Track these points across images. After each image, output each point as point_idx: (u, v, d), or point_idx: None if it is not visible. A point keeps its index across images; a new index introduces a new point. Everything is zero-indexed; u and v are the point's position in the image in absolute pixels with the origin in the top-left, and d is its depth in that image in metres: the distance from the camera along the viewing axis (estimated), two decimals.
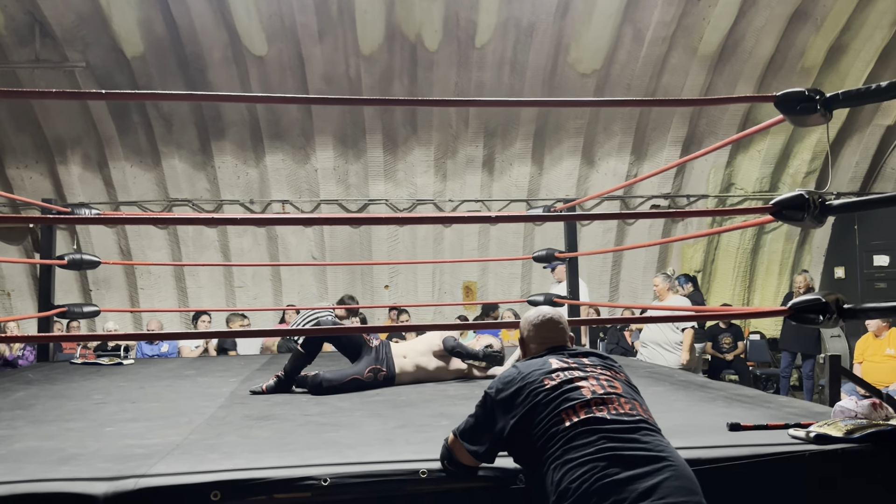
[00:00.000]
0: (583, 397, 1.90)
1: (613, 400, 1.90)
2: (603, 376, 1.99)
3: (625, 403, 1.91)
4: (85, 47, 8.23)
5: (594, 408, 1.87)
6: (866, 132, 9.51)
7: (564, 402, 1.89)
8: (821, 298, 2.45)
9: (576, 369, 1.99)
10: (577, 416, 1.86)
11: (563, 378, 1.96)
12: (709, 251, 10.01)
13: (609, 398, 1.90)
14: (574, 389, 1.92)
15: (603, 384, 1.95)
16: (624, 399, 1.92)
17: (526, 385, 1.97)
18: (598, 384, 1.94)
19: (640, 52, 8.71)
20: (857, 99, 2.51)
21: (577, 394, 1.91)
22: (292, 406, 3.24)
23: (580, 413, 1.86)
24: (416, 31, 8.38)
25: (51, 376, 4.47)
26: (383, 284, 9.66)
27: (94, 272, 9.04)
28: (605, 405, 1.88)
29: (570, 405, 1.88)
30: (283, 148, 9.14)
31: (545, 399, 1.92)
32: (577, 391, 1.92)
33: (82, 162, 9.00)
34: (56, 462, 2.20)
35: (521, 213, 8.59)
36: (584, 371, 1.99)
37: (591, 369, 2.01)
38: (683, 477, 1.78)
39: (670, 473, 1.75)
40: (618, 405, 1.89)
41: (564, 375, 1.96)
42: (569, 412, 1.87)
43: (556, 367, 2.00)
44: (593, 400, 1.89)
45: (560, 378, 1.96)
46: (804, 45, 8.75)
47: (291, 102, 8.48)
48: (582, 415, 1.86)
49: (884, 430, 2.29)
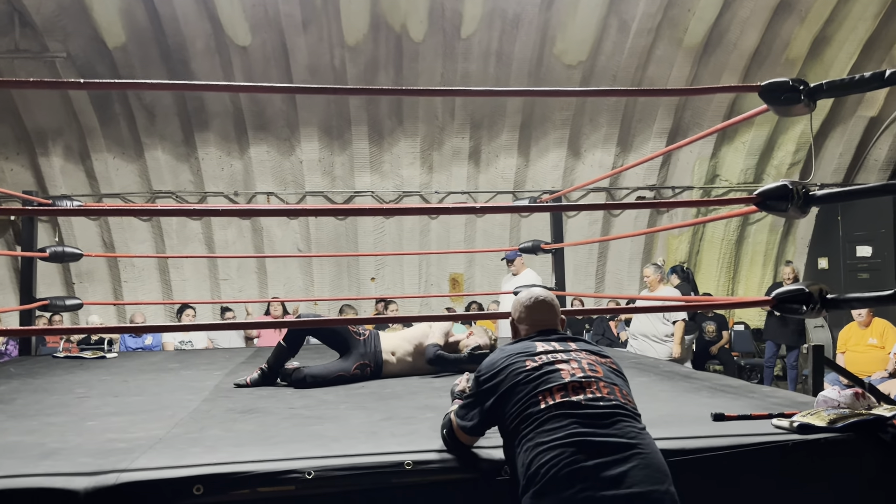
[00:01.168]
0: (561, 380, 1.90)
1: (592, 384, 1.90)
2: (586, 360, 1.99)
3: (603, 388, 1.91)
4: (65, 37, 8.11)
5: (570, 391, 1.88)
6: (850, 123, 9.57)
7: (543, 384, 1.91)
8: (804, 289, 2.46)
9: (559, 352, 2.00)
10: (553, 398, 1.87)
11: (544, 360, 1.97)
12: (694, 242, 10.06)
13: (587, 381, 1.91)
14: (553, 372, 1.93)
15: (584, 367, 1.95)
16: (603, 383, 1.92)
17: (508, 366, 1.99)
18: (579, 367, 1.95)
19: (626, 43, 8.71)
20: (840, 89, 2.51)
21: (555, 376, 1.92)
22: (277, 399, 3.22)
23: (556, 396, 1.87)
24: (402, 21, 8.33)
25: (33, 370, 4.41)
26: (370, 276, 9.64)
27: (77, 265, 8.96)
28: (582, 389, 1.89)
29: (548, 387, 1.89)
30: (267, 139, 9.07)
31: (524, 380, 1.93)
32: (556, 373, 1.92)
33: (64, 153, 8.89)
34: (37, 457, 2.17)
35: (506, 204, 8.58)
36: (568, 354, 2.00)
37: (576, 353, 2.01)
38: (652, 465, 1.78)
39: (638, 462, 1.76)
40: (595, 389, 1.89)
41: (546, 358, 1.98)
42: (545, 394, 1.88)
43: (540, 350, 2.01)
44: (571, 383, 1.90)
45: (542, 360, 1.97)
46: (788, 36, 8.79)
47: (275, 92, 8.42)
48: (558, 398, 1.87)
49: (866, 419, 2.31)
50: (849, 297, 2.51)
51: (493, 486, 2.03)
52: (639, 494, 1.72)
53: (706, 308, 6.02)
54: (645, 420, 2.46)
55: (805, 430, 2.27)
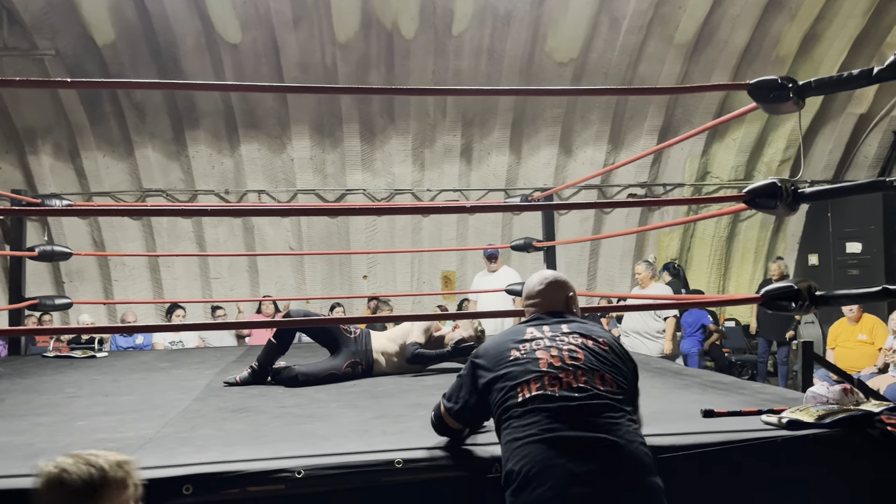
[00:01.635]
0: (538, 370, 1.90)
1: (569, 373, 1.89)
2: (569, 346, 1.96)
3: (580, 377, 1.89)
4: (54, 35, 8.05)
5: (546, 384, 1.87)
6: (840, 121, 9.61)
7: (522, 375, 1.91)
8: (793, 286, 2.48)
9: (545, 338, 1.99)
10: (530, 391, 1.87)
11: (527, 349, 1.97)
12: (685, 239, 10.10)
13: (565, 371, 1.89)
14: (533, 361, 1.93)
15: (563, 356, 1.93)
16: (581, 371, 1.90)
17: (497, 353, 2.01)
18: (559, 355, 1.93)
19: (617, 40, 8.72)
20: (829, 87, 2.53)
21: (534, 366, 1.92)
22: (268, 398, 3.21)
23: (532, 388, 1.87)
24: (393, 18, 8.31)
25: (22, 370, 4.39)
26: (361, 275, 9.62)
27: (67, 264, 8.90)
28: (557, 380, 1.88)
29: (525, 379, 1.90)
30: (258, 137, 9.04)
31: (507, 370, 1.95)
32: (535, 363, 1.92)
33: (53, 152, 8.84)
34: (25, 457, 2.15)
35: (497, 202, 8.58)
36: (553, 340, 1.98)
37: (562, 337, 1.99)
38: (626, 459, 1.78)
39: (611, 455, 1.76)
40: (572, 379, 1.88)
41: (530, 346, 1.98)
42: (523, 386, 1.89)
43: (527, 338, 2.01)
44: (547, 374, 1.89)
45: (525, 349, 1.97)
46: (779, 34, 8.82)
47: (267, 91, 8.38)
48: (534, 390, 1.87)
49: (854, 414, 2.32)
50: (837, 293, 2.53)
51: (483, 483, 2.03)
52: (609, 489, 1.73)
53: (697, 305, 6.06)
54: None
55: (794, 426, 2.29)
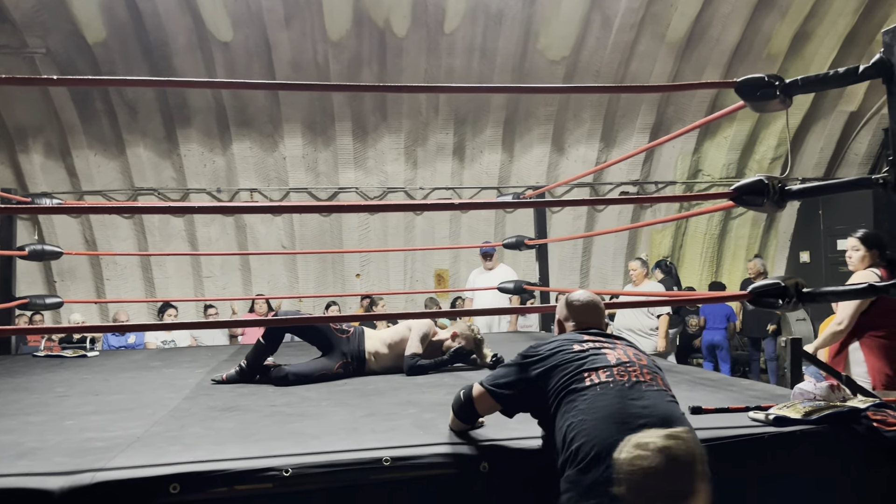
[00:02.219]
0: (607, 362, 2.03)
1: (636, 370, 2.02)
2: (630, 350, 2.13)
3: (646, 374, 2.02)
4: (45, 33, 8.02)
5: (616, 373, 1.99)
6: (830, 118, 9.65)
7: (589, 364, 2.03)
8: (780, 283, 2.49)
9: (605, 342, 2.14)
10: (599, 377, 1.98)
11: (591, 346, 2.11)
12: (677, 237, 10.13)
13: (632, 366, 2.03)
14: (599, 355, 2.06)
15: (629, 355, 2.08)
16: (646, 370, 2.04)
17: (556, 346, 2.12)
18: (624, 353, 2.08)
19: (609, 38, 8.74)
20: (815, 85, 2.54)
21: (601, 358, 2.04)
22: (258, 397, 3.21)
23: (602, 374, 1.99)
24: (385, 16, 8.30)
25: (12, 369, 4.37)
26: (354, 273, 9.62)
27: (59, 263, 8.87)
28: (626, 372, 2.00)
29: (594, 367, 2.02)
30: (250, 135, 9.02)
31: (571, 358, 2.05)
32: (602, 356, 2.05)
33: (44, 151, 8.80)
34: (13, 457, 2.15)
35: (488, 200, 8.58)
36: (613, 344, 2.14)
37: (620, 346, 2.14)
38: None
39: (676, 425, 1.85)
40: (639, 374, 2.01)
41: (593, 345, 2.11)
42: (590, 372, 2.00)
43: (587, 339, 2.15)
44: (616, 366, 2.01)
45: (588, 345, 2.11)
46: (770, 31, 8.85)
47: (259, 88, 8.38)
48: (603, 377, 1.98)
49: (841, 411, 2.34)
50: (824, 290, 2.54)
51: (472, 480, 2.04)
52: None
53: (685, 302, 6.07)
54: None
55: (781, 423, 2.30)
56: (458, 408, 2.24)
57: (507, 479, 2.07)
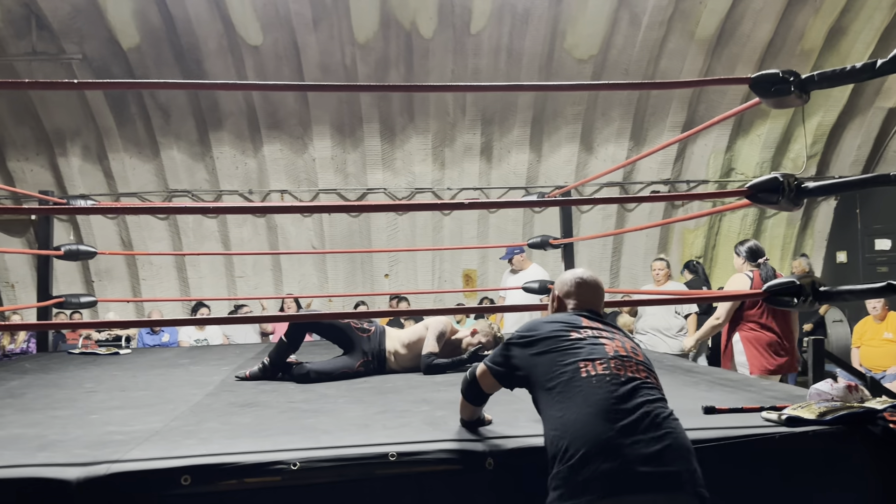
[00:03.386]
0: (605, 354, 1.97)
1: (633, 365, 1.97)
2: (628, 343, 2.07)
3: (641, 371, 1.97)
4: (81, 39, 8.25)
5: (613, 364, 1.94)
6: (868, 115, 9.43)
7: (586, 354, 1.97)
8: (795, 281, 2.45)
9: (604, 331, 2.07)
10: (596, 369, 1.93)
11: (589, 334, 2.04)
12: (709, 237, 9.98)
13: (629, 360, 1.97)
14: (598, 345, 1.99)
15: (626, 348, 2.02)
16: (642, 367, 1.99)
17: (555, 329, 2.06)
18: (623, 346, 2.02)
19: (637, 36, 8.66)
20: (832, 80, 2.49)
21: (599, 349, 1.98)
22: (278, 393, 3.26)
23: (598, 367, 1.93)
24: (411, 18, 8.36)
25: (47, 366, 4.51)
26: (383, 273, 9.69)
27: (96, 264, 9.12)
28: (623, 366, 1.95)
29: (591, 358, 1.95)
30: (280, 138, 9.15)
31: (568, 347, 2.00)
32: (601, 347, 1.99)
33: (82, 154, 9.05)
34: (35, 449, 2.22)
35: (516, 199, 8.57)
36: (612, 334, 2.07)
37: (617, 336, 2.08)
38: (682, 447, 1.86)
39: (671, 441, 1.83)
40: (636, 370, 1.96)
41: (591, 332, 2.04)
42: (587, 363, 1.94)
43: (585, 325, 2.08)
44: (614, 358, 1.96)
45: (586, 333, 2.04)
46: (803, 27, 8.68)
47: (288, 90, 8.52)
48: (600, 369, 1.92)
49: (856, 412, 2.29)
50: (841, 288, 2.50)
51: (476, 477, 2.06)
52: (672, 473, 1.79)
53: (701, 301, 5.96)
54: None
55: (794, 423, 2.27)
56: (465, 388, 2.25)
57: (512, 477, 2.08)
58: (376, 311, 7.85)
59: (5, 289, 9.39)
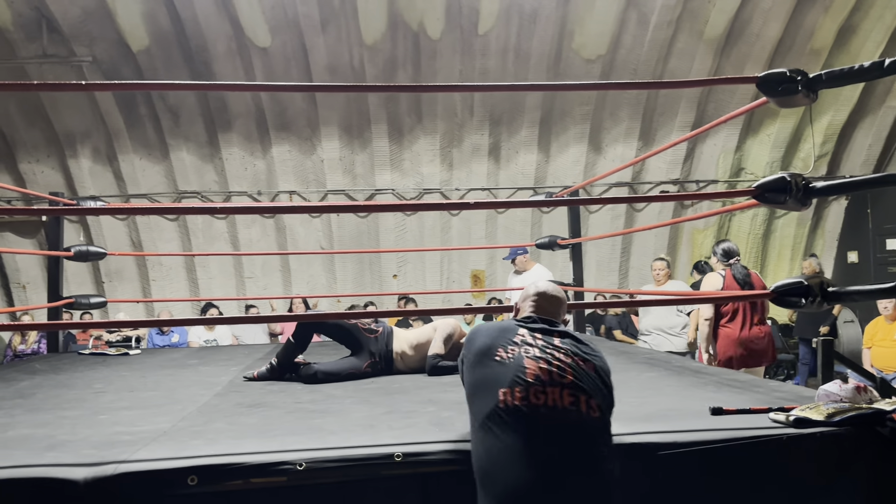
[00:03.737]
0: (524, 380, 1.87)
1: (555, 390, 1.85)
2: (559, 362, 1.93)
3: (567, 396, 1.85)
4: (91, 42, 8.31)
5: (532, 394, 1.84)
6: (879, 114, 9.38)
7: (507, 379, 1.88)
8: (803, 281, 2.44)
9: (536, 347, 1.96)
10: (514, 398, 1.84)
11: (514, 354, 1.94)
12: (719, 237, 9.93)
13: (552, 386, 1.86)
14: (521, 369, 1.89)
15: (552, 370, 1.89)
16: (568, 391, 1.86)
17: (484, 346, 2.01)
18: (548, 369, 1.89)
19: (646, 36, 8.64)
20: (840, 79, 2.47)
21: (521, 374, 1.88)
22: (286, 394, 3.27)
23: (517, 396, 1.84)
24: (419, 19, 8.37)
25: (57, 366, 4.53)
26: (391, 274, 9.70)
27: (107, 265, 9.17)
28: (544, 394, 1.84)
29: (510, 387, 1.86)
30: (289, 139, 9.19)
31: (492, 371, 1.93)
32: (523, 371, 1.88)
33: (92, 155, 9.11)
34: (44, 449, 2.24)
35: (524, 199, 8.56)
36: (544, 352, 1.95)
37: (552, 351, 1.96)
38: (591, 493, 1.78)
39: (578, 485, 1.76)
40: (558, 397, 1.84)
41: (518, 352, 1.95)
42: (506, 393, 1.86)
43: (517, 341, 1.99)
44: (533, 386, 1.85)
45: (512, 353, 1.95)
46: (813, 26, 8.64)
47: (297, 91, 8.53)
48: (518, 399, 1.84)
49: (865, 413, 2.27)
50: (850, 289, 2.48)
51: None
52: None
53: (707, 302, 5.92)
54: (644, 414, 2.48)
55: (801, 424, 2.25)
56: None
57: None
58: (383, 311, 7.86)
59: (17, 289, 9.47)
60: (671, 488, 2.13)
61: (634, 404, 2.66)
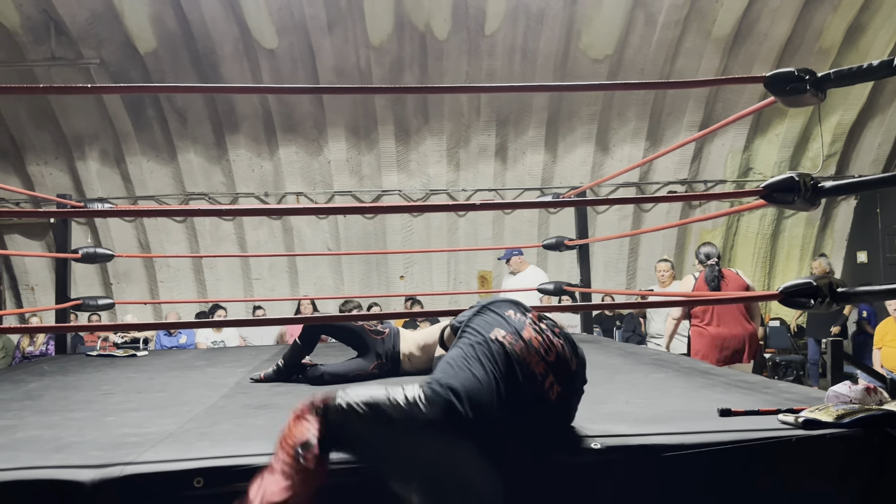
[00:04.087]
0: (521, 337, 2.02)
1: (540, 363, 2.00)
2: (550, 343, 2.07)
3: (547, 373, 2.01)
4: (99, 44, 8.34)
5: (522, 349, 1.99)
6: (888, 113, 9.32)
7: (506, 329, 2.04)
8: (811, 282, 2.42)
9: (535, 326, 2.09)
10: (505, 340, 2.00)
11: (518, 319, 2.09)
12: (728, 237, 9.90)
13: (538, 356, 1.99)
14: (521, 328, 2.06)
15: (544, 341, 2.05)
16: (547, 366, 2.01)
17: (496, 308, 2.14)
18: (539, 339, 2.04)
19: (653, 36, 8.62)
20: (849, 78, 2.45)
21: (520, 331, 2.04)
22: (293, 395, 3.26)
23: (508, 339, 2.00)
24: (425, 20, 8.37)
25: (65, 368, 4.54)
26: (398, 275, 9.70)
27: (115, 266, 9.21)
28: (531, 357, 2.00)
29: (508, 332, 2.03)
30: (296, 140, 9.20)
31: (495, 319, 2.10)
32: (522, 329, 2.05)
33: (100, 157, 9.15)
34: (51, 450, 2.24)
35: (530, 200, 8.55)
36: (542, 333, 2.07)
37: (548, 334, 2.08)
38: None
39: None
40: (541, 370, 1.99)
41: (521, 319, 2.09)
42: (504, 335, 2.01)
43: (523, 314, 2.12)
44: (526, 343, 2.01)
45: (518, 319, 2.09)
46: (821, 25, 8.59)
47: (304, 93, 8.54)
48: (508, 343, 2.00)
49: (875, 414, 2.25)
50: (859, 289, 2.46)
51: None
52: None
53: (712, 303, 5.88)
54: (652, 415, 2.47)
55: (810, 426, 2.23)
56: None
57: (517, 475, 2.06)
58: (389, 312, 7.85)
59: (25, 291, 9.52)
60: (678, 490, 2.11)
61: (642, 405, 2.64)
